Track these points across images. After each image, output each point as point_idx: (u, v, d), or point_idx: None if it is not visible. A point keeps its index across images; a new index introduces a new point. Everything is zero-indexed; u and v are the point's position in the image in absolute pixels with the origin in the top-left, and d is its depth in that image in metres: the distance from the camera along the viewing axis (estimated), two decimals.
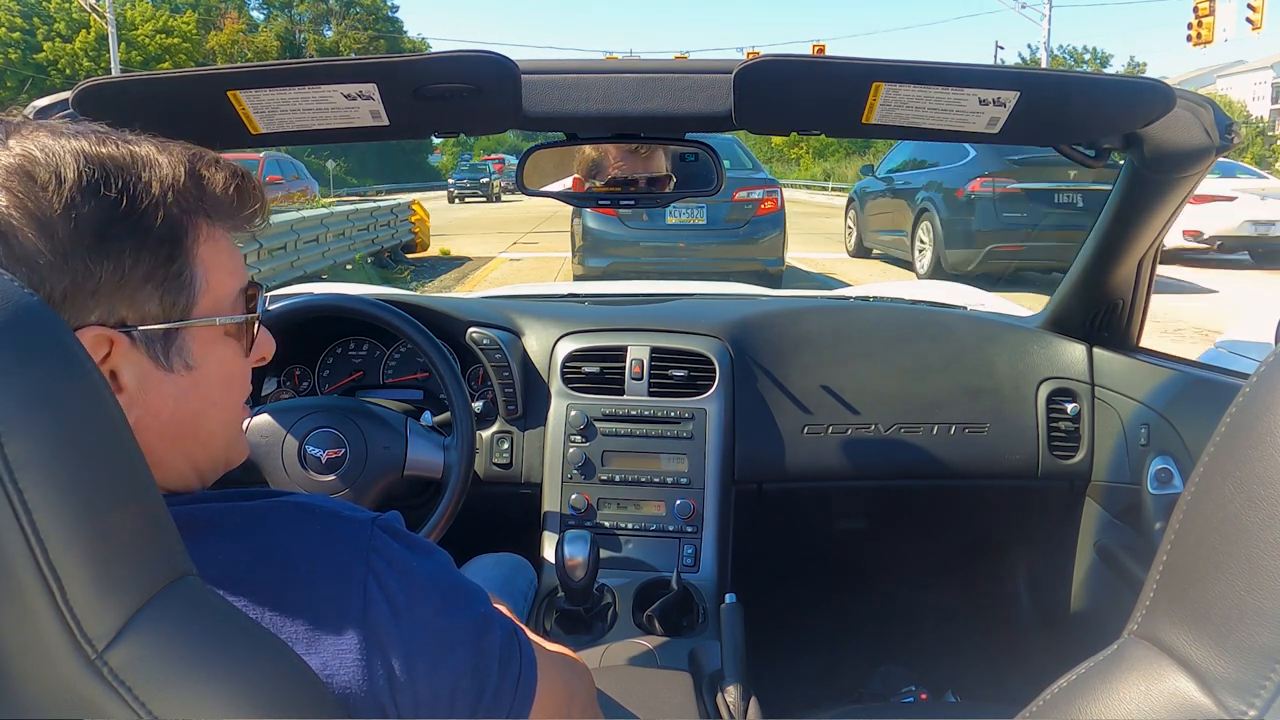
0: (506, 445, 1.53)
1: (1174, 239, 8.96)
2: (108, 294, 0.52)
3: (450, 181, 31.15)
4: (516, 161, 1.19)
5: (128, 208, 0.52)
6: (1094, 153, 1.10)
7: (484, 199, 28.98)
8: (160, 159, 0.55)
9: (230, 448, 0.63)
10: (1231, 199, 9.15)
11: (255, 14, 42.45)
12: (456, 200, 28.46)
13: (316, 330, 1.59)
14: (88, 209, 0.50)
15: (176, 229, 0.55)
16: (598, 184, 1.19)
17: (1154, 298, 1.42)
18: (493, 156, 37.38)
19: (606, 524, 1.46)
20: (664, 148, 1.14)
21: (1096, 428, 1.55)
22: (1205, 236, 9.27)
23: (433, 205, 15.34)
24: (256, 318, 0.63)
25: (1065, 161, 1.12)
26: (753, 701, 1.04)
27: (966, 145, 7.77)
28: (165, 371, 0.55)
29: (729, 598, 1.22)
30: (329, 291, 1.86)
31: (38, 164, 0.50)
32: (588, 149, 1.17)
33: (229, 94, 0.91)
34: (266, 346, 0.65)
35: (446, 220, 18.10)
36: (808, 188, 34.69)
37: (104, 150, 0.53)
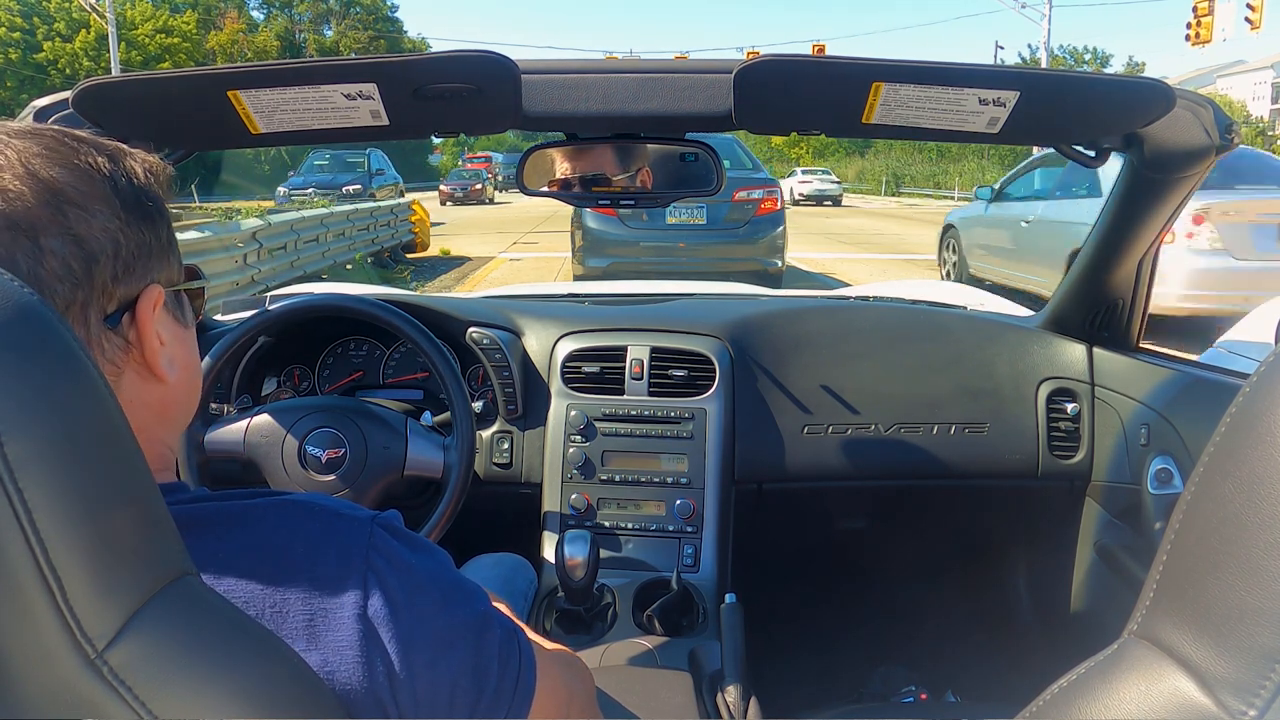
0: (506, 445, 1.53)
1: (791, 196, 22.78)
2: (157, 256, 0.58)
3: (281, 190, 15.75)
4: (503, 160, 1.17)
5: (140, 184, 0.57)
6: (1094, 153, 1.10)
7: None
8: (122, 146, 0.59)
9: None
10: (810, 182, 28.82)
11: (255, 14, 42.54)
12: None
13: (316, 330, 1.59)
14: (122, 182, 0.55)
15: (161, 205, 0.59)
16: (553, 185, 1.17)
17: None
18: (480, 154, 33.47)
19: (606, 524, 1.46)
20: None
21: (1096, 428, 1.55)
22: (806, 195, 27.80)
23: (431, 205, 15.04)
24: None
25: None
26: (753, 701, 1.04)
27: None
28: (183, 327, 0.61)
29: (729, 597, 1.22)
30: (329, 291, 1.86)
31: (67, 148, 0.53)
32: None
33: (229, 94, 0.91)
34: None
35: (447, 220, 18.07)
36: None
37: (90, 139, 0.56)
